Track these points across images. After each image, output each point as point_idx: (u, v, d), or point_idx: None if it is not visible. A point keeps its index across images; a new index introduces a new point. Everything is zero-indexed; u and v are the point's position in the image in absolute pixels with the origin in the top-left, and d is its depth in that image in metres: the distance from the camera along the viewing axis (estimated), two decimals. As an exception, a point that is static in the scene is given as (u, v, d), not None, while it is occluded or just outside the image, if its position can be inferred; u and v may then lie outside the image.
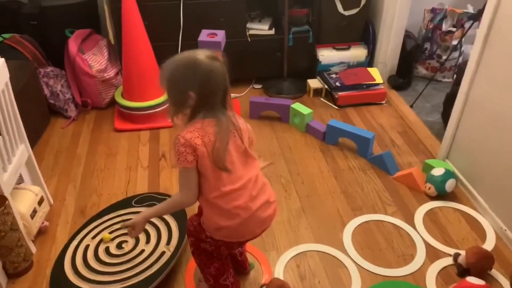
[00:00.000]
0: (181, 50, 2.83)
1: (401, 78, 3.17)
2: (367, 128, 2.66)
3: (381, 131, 2.68)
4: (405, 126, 2.74)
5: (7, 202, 1.65)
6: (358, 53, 3.12)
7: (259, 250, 1.89)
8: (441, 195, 2.16)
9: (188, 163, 1.30)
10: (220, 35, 2.61)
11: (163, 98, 2.73)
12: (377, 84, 2.94)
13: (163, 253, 1.80)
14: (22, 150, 1.90)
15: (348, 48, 3.12)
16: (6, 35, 2.75)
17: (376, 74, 2.98)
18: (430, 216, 2.07)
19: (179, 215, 1.97)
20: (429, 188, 2.16)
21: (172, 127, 2.72)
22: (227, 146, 1.33)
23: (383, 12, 3.02)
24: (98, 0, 2.99)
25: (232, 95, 2.94)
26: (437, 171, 2.16)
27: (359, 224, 2.03)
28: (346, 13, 3.00)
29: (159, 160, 2.47)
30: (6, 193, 1.69)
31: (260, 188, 1.43)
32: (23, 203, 1.84)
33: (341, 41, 3.12)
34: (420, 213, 2.09)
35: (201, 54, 1.31)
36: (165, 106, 2.75)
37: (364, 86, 2.91)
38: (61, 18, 2.85)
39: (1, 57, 1.76)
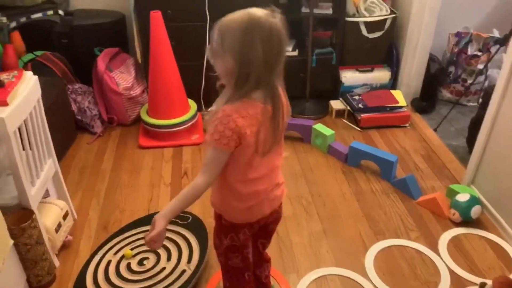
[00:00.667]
0: (206, 70, 2.88)
1: (425, 101, 3.15)
2: (390, 151, 2.63)
3: (404, 154, 2.66)
4: (428, 150, 2.71)
5: (34, 216, 1.69)
6: (381, 75, 3.12)
7: (279, 272, 1.88)
8: (466, 222, 2.11)
9: (228, 147, 1.17)
10: (244, 56, 2.65)
11: (186, 116, 2.78)
12: (401, 107, 2.92)
13: (183, 271, 1.80)
14: (50, 164, 1.94)
15: (371, 70, 3.12)
16: (39, 53, 2.85)
17: (400, 97, 2.96)
18: (454, 243, 2.03)
19: (200, 233, 1.98)
20: (454, 214, 2.12)
21: (195, 145, 2.75)
22: (275, 133, 1.21)
23: (407, 35, 3.02)
24: (126, 20, 3.07)
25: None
26: (462, 197, 2.12)
27: (381, 249, 2.00)
28: (370, 36, 3.01)
29: (181, 177, 2.49)
30: (33, 207, 1.72)
31: (278, 173, 1.37)
32: (49, 217, 1.87)
33: (365, 63, 3.12)
34: (444, 239, 2.04)
35: (259, 12, 1.14)
36: (188, 124, 2.79)
37: (388, 109, 2.90)
38: (90, 37, 2.94)
39: (34, 73, 1.83)
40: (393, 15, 3.00)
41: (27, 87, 1.74)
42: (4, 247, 1.53)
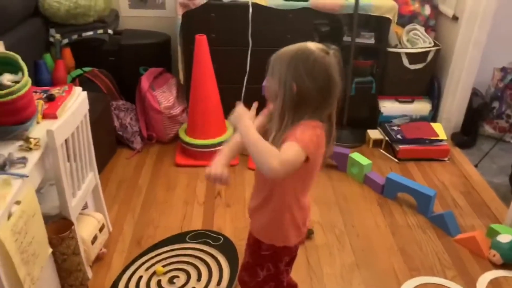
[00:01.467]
0: (245, 94, 2.93)
1: (466, 136, 3.07)
2: (428, 185, 2.57)
3: (442, 189, 2.59)
4: (468, 186, 2.62)
5: (73, 227, 1.73)
6: (421, 107, 3.08)
7: (309, 301, 1.85)
8: (508, 264, 2.02)
9: (310, 152, 1.17)
10: (284, 81, 2.68)
11: (223, 137, 2.81)
12: (440, 140, 2.86)
13: (213, 293, 1.80)
14: (91, 177, 2.00)
15: (411, 101, 3.08)
16: (87, 69, 2.98)
17: (440, 130, 2.90)
18: (494, 285, 1.94)
19: (231, 257, 1.98)
20: (494, 256, 2.03)
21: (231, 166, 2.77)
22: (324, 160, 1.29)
23: (451, 68, 2.98)
24: (171, 42, 3.17)
25: (291, 139, 2.96)
26: (504, 238, 2.04)
27: (416, 286, 1.93)
28: (412, 67, 2.99)
29: (215, 198, 2.51)
30: (73, 218, 1.77)
31: None
32: (86, 229, 1.92)
33: (405, 93, 3.09)
34: (483, 280, 1.96)
35: (312, 45, 1.20)
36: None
37: (427, 141, 2.84)
38: (136, 56, 3.05)
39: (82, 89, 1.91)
40: (436, 48, 2.97)
41: (76, 102, 1.82)
42: (43, 255, 1.58)
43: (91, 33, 2.98)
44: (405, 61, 2.96)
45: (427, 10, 3.09)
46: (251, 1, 2.74)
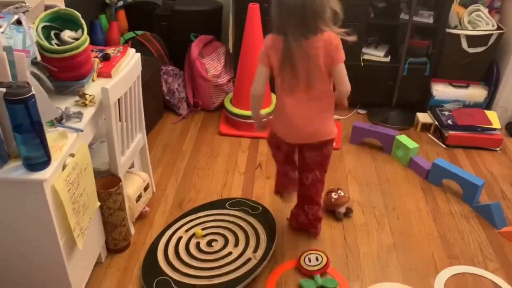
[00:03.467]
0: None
1: (522, 127, 2.92)
2: (476, 174, 2.47)
3: (491, 180, 2.49)
4: (519, 179, 2.52)
5: (120, 183, 1.80)
6: (476, 93, 2.94)
7: (343, 277, 1.85)
8: (555, 262, 1.94)
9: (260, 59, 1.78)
10: (335, 57, 2.62)
11: (268, 110, 2.80)
12: (494, 129, 2.73)
13: (249, 259, 1.83)
14: (139, 138, 2.06)
15: (466, 86, 2.95)
16: (139, 32, 3.03)
17: (494, 118, 2.77)
18: (538, 282, 1.87)
19: (268, 227, 2.00)
20: (542, 252, 1.95)
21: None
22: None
23: (513, 54, 2.81)
24: (224, 10, 3.16)
25: (335, 117, 2.91)
26: (554, 235, 1.95)
27: (454, 274, 1.89)
28: (471, 50, 2.84)
29: (255, 168, 2.53)
30: (121, 175, 1.84)
31: None
32: (131, 187, 1.99)
33: (460, 78, 2.96)
34: (527, 276, 1.89)
35: None
36: (269, 118, 2.82)
37: (479, 129, 2.73)
38: (188, 22, 3.06)
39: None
40: (500, 31, 2.81)
41: (130, 63, 1.86)
42: (92, 207, 1.65)
43: (146, -4, 3.02)
44: (464, 44, 2.82)
45: (493, -10, 2.91)
46: (308, -28, 2.67)
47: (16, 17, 1.55)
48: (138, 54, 1.95)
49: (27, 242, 1.46)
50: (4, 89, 1.20)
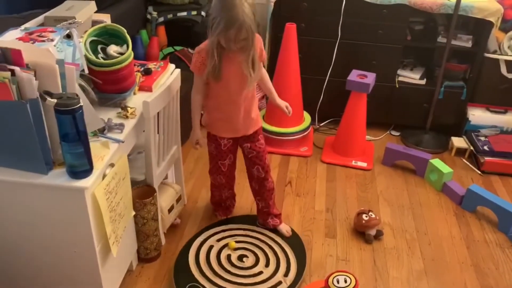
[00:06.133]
0: (327, 86, 2.92)
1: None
2: (513, 202, 2.41)
3: (528, 209, 2.41)
4: (559, 210, 2.42)
5: (155, 194, 1.85)
6: (515, 119, 2.87)
7: (371, 301, 1.83)
8: None
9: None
10: (370, 78, 2.63)
11: (299, 127, 2.83)
12: (532, 157, 2.66)
13: (279, 282, 1.84)
14: (175, 150, 2.11)
15: (504, 112, 2.89)
16: (178, 47, 3.11)
17: (533, 146, 2.70)
18: None
19: (298, 253, 2.00)
20: None
21: (302, 157, 2.79)
22: None
23: (555, 81, 2.74)
24: (260, 28, 3.21)
25: (367, 137, 2.91)
26: None
27: (487, 305, 1.84)
28: (510, 76, 2.79)
29: (285, 185, 2.54)
30: (156, 186, 1.89)
31: None
32: (165, 198, 2.04)
33: (498, 103, 2.90)
34: None
35: None
36: (300, 136, 2.84)
37: (517, 157, 2.66)
38: (225, 39, 3.13)
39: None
40: (541, 57, 2.75)
41: (170, 78, 1.92)
42: (127, 216, 1.70)
43: (185, 13, 3.11)
44: (503, 69, 2.77)
45: (535, 16, 2.86)
46: (346, -7, 2.70)
47: (67, 31, 1.63)
48: (178, 70, 2.01)
49: (65, 246, 1.52)
50: (55, 100, 1.27)
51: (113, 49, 1.71)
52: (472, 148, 2.78)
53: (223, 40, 1.68)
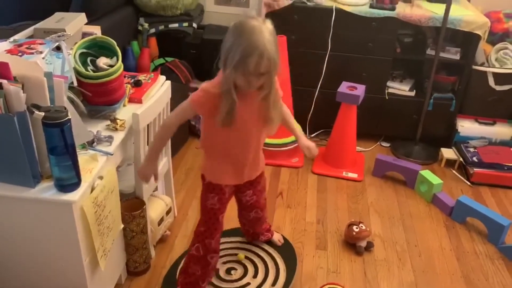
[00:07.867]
0: (317, 97, 2.94)
1: (550, 167, 2.85)
2: (502, 213, 2.42)
3: (517, 220, 2.43)
4: (547, 221, 2.44)
5: (144, 206, 1.83)
6: (503, 130, 2.90)
7: (362, 314, 1.82)
8: None
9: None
10: (360, 89, 2.65)
11: (290, 138, 2.83)
12: (521, 168, 2.68)
13: (266, 292, 1.82)
14: (165, 162, 2.10)
15: (492, 124, 2.92)
16: (169, 59, 3.12)
17: (521, 157, 2.73)
18: None
19: (289, 263, 1.99)
20: None
21: (293, 168, 2.79)
22: None
23: (542, 93, 2.78)
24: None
25: (358, 148, 2.92)
26: None
27: (477, 317, 1.84)
28: (498, 88, 2.83)
29: (276, 197, 2.53)
30: (145, 198, 1.88)
31: None
32: (154, 210, 2.02)
33: (486, 115, 2.93)
34: (554, 324, 1.82)
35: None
36: (290, 147, 2.84)
37: (505, 167, 2.68)
38: (216, 51, 3.08)
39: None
40: (528, 70, 2.79)
41: (161, 90, 1.92)
42: (116, 229, 1.68)
43: (176, 25, 3.12)
44: (491, 81, 2.81)
45: (521, 29, 2.91)
46: (335, 6, 2.73)
47: (56, 43, 1.63)
48: (169, 82, 2.01)
49: (53, 260, 1.50)
50: (43, 113, 1.26)
51: (102, 61, 1.71)
52: (461, 159, 2.80)
53: (240, 76, 1.38)
